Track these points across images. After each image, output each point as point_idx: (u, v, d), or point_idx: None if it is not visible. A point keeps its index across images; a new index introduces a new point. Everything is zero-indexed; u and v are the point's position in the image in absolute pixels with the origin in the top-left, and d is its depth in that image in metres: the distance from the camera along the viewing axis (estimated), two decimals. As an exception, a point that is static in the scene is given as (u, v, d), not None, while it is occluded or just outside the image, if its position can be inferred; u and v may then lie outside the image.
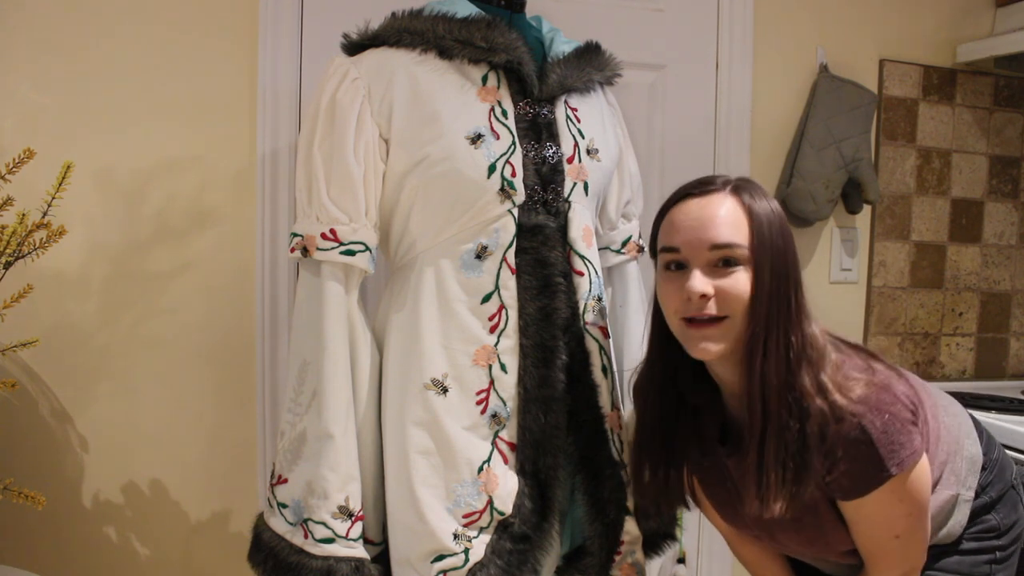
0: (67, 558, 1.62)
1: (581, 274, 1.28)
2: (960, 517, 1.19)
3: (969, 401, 1.81)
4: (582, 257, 1.28)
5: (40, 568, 1.56)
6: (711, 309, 1.05)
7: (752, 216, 1.06)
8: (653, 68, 1.91)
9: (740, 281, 1.05)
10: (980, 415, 1.58)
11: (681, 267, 1.08)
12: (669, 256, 1.09)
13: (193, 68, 1.64)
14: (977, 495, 1.20)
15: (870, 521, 1.09)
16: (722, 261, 1.05)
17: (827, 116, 2.01)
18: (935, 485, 1.15)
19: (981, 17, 2.21)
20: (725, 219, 1.06)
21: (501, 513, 1.20)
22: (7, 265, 1.30)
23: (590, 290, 1.29)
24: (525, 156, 1.24)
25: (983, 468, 1.21)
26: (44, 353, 1.50)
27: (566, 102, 1.32)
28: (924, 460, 1.08)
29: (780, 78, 2.03)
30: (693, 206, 1.09)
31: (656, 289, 1.13)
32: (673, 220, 1.10)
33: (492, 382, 1.21)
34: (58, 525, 1.61)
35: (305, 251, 1.20)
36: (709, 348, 1.06)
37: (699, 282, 1.04)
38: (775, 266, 1.05)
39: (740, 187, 1.09)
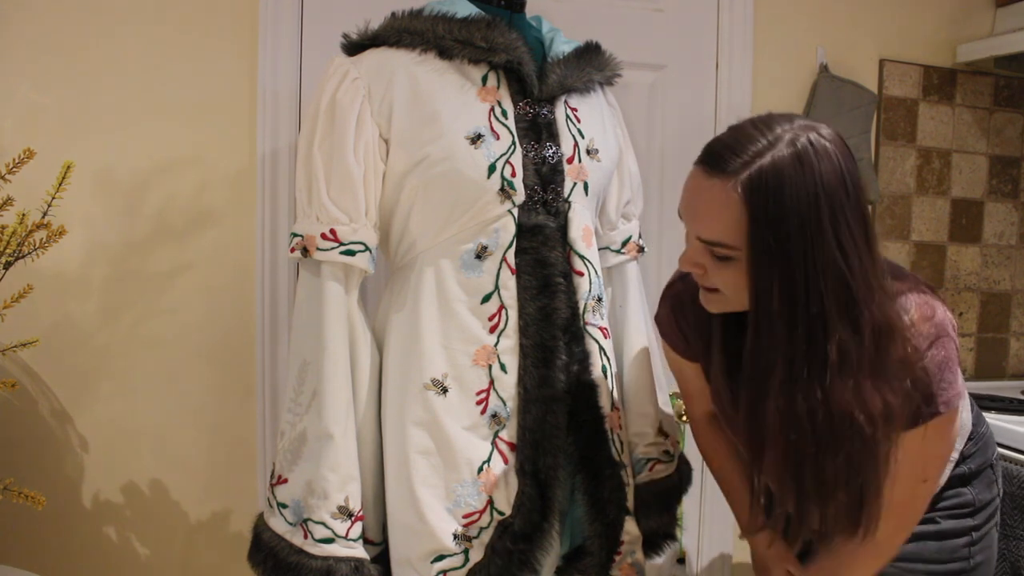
0: (67, 558, 1.62)
1: (581, 274, 1.28)
2: (941, 478, 1.20)
3: (969, 401, 1.82)
4: (582, 257, 1.28)
5: (40, 568, 1.56)
6: (704, 281, 1.04)
7: (754, 216, 0.93)
8: (653, 68, 1.91)
9: (727, 275, 0.99)
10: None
11: None
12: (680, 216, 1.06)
13: (193, 68, 1.64)
14: (957, 464, 1.21)
15: (906, 461, 1.05)
16: (711, 251, 1.00)
17: (827, 116, 2.01)
18: None
19: (981, 17, 2.21)
20: (716, 216, 0.96)
21: (501, 513, 1.20)
22: (7, 265, 1.30)
23: (590, 290, 1.29)
24: (525, 156, 1.24)
25: (969, 438, 1.23)
26: (44, 353, 1.49)
27: (566, 102, 1.31)
28: (960, 411, 1.09)
29: (780, 78, 2.03)
30: (696, 185, 0.99)
31: None
32: (685, 184, 1.02)
33: (492, 382, 1.21)
34: (58, 525, 1.61)
35: (305, 251, 1.20)
36: (708, 307, 1.08)
37: (687, 263, 1.03)
38: (784, 270, 0.93)
39: (759, 176, 0.92)
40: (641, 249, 1.47)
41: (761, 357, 0.98)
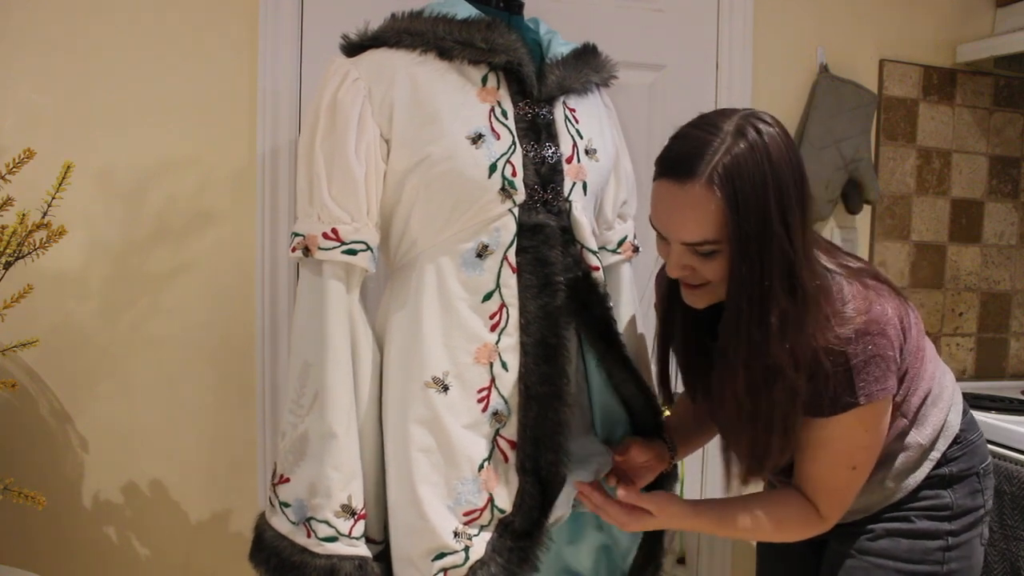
0: (67, 558, 1.62)
1: (597, 269, 1.29)
2: (919, 475, 1.22)
3: (969, 401, 1.81)
4: (594, 253, 1.29)
5: (40, 568, 1.56)
6: (695, 279, 1.11)
7: (730, 204, 1.01)
8: (653, 68, 1.91)
9: (715, 266, 1.07)
10: (980, 415, 1.58)
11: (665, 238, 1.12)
12: (655, 228, 1.12)
13: (193, 68, 1.64)
14: (939, 464, 1.22)
15: (833, 447, 1.13)
16: (695, 251, 1.07)
17: (827, 116, 2.01)
18: (917, 413, 1.20)
19: (981, 17, 2.21)
20: (695, 218, 1.04)
21: (502, 511, 1.20)
22: (7, 265, 1.30)
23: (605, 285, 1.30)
24: (525, 156, 1.24)
25: (955, 441, 1.24)
26: (44, 353, 1.50)
27: (564, 103, 1.32)
28: (890, 402, 1.14)
29: (780, 78, 2.03)
30: (667, 194, 1.06)
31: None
32: (654, 196, 1.10)
33: (493, 380, 1.21)
34: (58, 525, 1.61)
35: (306, 251, 1.20)
36: (697, 303, 1.15)
37: (674, 269, 1.11)
38: (754, 251, 1.02)
39: (727, 169, 1.01)
40: (636, 249, 1.48)
41: (732, 332, 1.08)
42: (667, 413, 1.53)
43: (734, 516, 1.21)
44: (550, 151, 1.26)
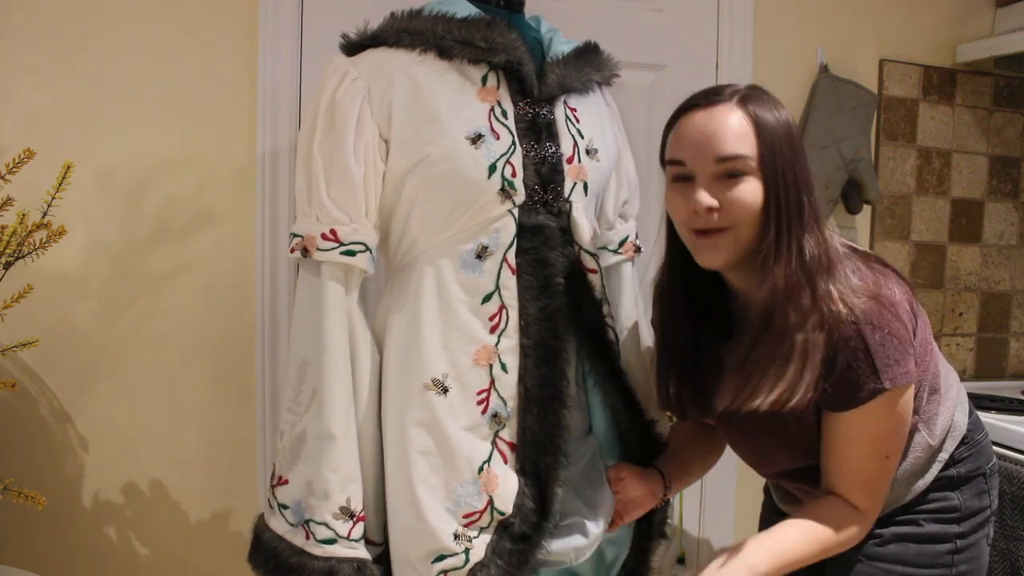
0: (67, 558, 1.62)
1: (594, 272, 1.29)
2: (928, 477, 1.21)
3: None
4: (592, 255, 1.29)
5: (40, 568, 1.56)
6: (717, 222, 1.09)
7: (759, 126, 1.07)
8: (653, 68, 1.91)
9: (747, 192, 1.07)
10: (980, 415, 1.58)
11: (688, 179, 1.10)
12: (676, 169, 1.12)
13: (193, 68, 1.64)
14: (947, 466, 1.22)
15: (865, 439, 1.11)
16: (728, 173, 1.07)
17: (827, 116, 2.01)
18: (927, 410, 1.19)
19: (981, 17, 2.21)
20: (731, 131, 1.07)
21: (501, 513, 1.20)
22: (7, 265, 1.30)
23: (602, 287, 1.30)
24: (525, 156, 1.24)
25: (963, 442, 1.23)
26: (44, 353, 1.49)
27: (565, 102, 1.31)
28: (912, 389, 1.12)
29: (780, 78, 2.03)
30: (699, 118, 1.09)
31: (665, 200, 1.16)
32: (680, 132, 1.12)
33: (493, 382, 1.21)
34: (58, 525, 1.61)
35: (305, 251, 1.19)
36: (716, 257, 1.11)
37: (705, 197, 1.08)
38: (785, 174, 1.06)
39: (748, 97, 1.09)
40: (638, 249, 1.47)
41: (770, 257, 1.07)
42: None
43: (788, 549, 1.12)
44: (550, 151, 1.26)
